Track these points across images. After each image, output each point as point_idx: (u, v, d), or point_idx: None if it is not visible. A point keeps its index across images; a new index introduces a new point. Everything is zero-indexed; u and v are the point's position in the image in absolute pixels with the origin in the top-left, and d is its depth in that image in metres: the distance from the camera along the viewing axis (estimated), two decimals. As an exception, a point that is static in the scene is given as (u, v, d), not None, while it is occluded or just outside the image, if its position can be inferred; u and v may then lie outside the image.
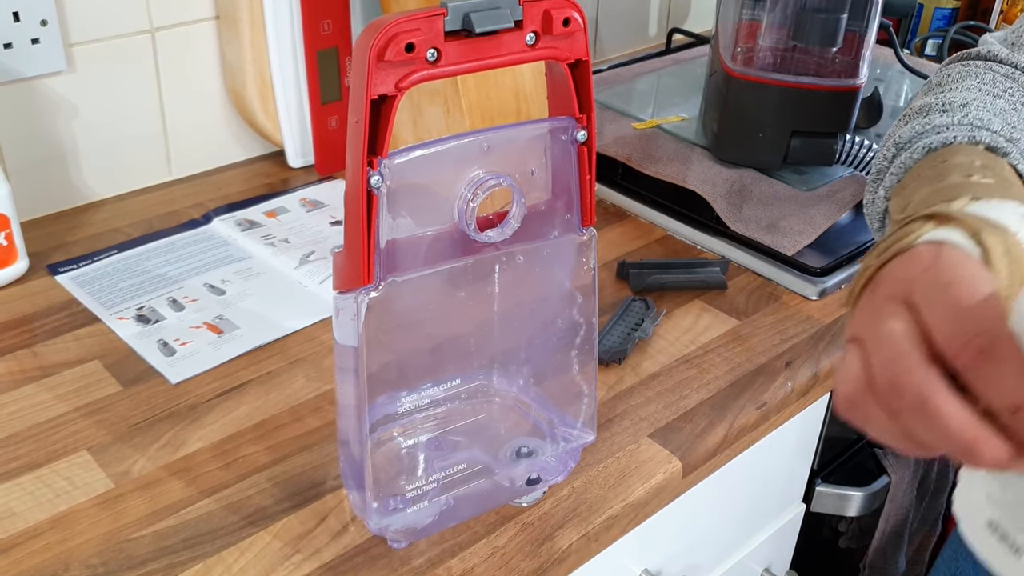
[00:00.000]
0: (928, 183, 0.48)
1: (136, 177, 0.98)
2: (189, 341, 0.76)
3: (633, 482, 0.65)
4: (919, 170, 0.51)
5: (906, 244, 0.40)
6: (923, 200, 0.46)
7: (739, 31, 1.03)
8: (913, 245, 0.40)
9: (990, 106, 0.56)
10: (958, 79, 0.61)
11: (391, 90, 0.47)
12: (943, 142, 0.52)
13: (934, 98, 0.58)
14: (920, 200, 0.46)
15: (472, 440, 0.61)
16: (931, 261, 0.38)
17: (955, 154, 0.50)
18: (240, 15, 0.94)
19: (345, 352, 0.54)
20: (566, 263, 0.58)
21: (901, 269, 0.39)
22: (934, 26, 1.51)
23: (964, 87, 0.60)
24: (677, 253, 0.92)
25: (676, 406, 0.72)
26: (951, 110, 0.56)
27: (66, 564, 0.57)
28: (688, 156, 1.02)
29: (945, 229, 0.40)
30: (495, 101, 0.91)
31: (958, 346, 0.36)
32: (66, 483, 0.63)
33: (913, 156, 0.52)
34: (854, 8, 0.97)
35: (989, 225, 0.39)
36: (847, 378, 0.39)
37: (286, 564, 0.58)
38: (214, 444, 0.66)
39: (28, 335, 0.76)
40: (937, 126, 0.54)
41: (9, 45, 0.85)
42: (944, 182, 0.46)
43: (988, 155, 0.50)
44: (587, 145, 0.55)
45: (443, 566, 0.58)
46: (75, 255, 0.87)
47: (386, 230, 0.50)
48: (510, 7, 0.49)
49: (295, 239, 0.90)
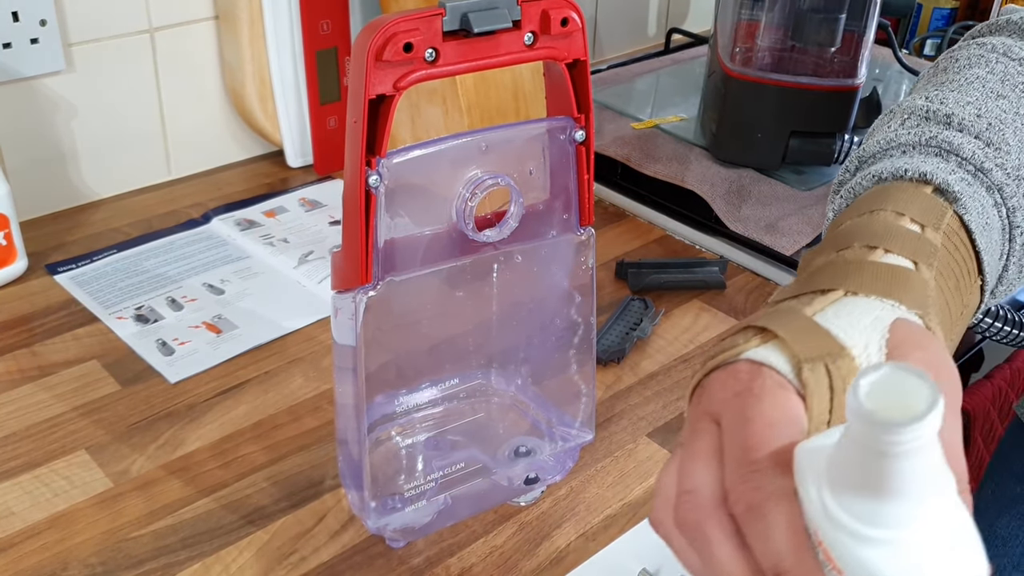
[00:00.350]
0: (835, 244, 0.42)
1: (135, 177, 0.98)
2: (188, 341, 0.76)
3: (631, 481, 0.65)
4: (851, 212, 0.45)
5: (728, 358, 0.37)
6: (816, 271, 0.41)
7: (738, 31, 1.03)
8: (735, 360, 0.36)
9: (985, 112, 0.49)
10: (964, 67, 0.54)
11: (389, 90, 0.47)
12: (894, 173, 0.46)
13: (925, 96, 0.52)
14: (815, 269, 0.42)
15: (470, 439, 0.61)
16: (744, 386, 0.35)
17: (891, 199, 0.44)
18: (239, 15, 0.94)
19: (343, 352, 0.54)
20: (564, 263, 0.58)
21: (717, 386, 0.36)
22: (933, 26, 1.52)
23: (966, 79, 0.52)
24: (676, 253, 0.93)
25: (674, 406, 0.72)
26: (931, 120, 0.49)
27: (64, 563, 0.57)
28: (687, 156, 1.03)
29: (769, 349, 0.36)
30: (494, 101, 0.91)
31: (733, 496, 0.33)
32: (65, 482, 0.63)
33: (863, 183, 0.47)
34: (853, 8, 0.98)
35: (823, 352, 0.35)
36: (657, 494, 0.37)
37: (284, 563, 0.58)
38: (213, 443, 0.67)
39: (27, 335, 0.76)
40: (903, 144, 0.48)
41: (8, 45, 0.85)
42: (845, 251, 0.41)
43: (928, 203, 0.44)
44: (585, 145, 0.55)
45: (441, 565, 0.58)
46: (74, 255, 0.87)
47: (384, 230, 0.50)
48: (508, 7, 0.49)
49: (294, 239, 0.91)
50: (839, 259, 0.40)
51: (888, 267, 0.39)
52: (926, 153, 0.47)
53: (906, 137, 0.48)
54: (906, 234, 0.41)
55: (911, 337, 0.36)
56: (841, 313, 0.37)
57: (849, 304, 0.38)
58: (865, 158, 0.49)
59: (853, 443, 0.29)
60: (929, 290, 0.39)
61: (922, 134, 0.48)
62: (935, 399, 0.28)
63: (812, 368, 0.35)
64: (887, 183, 0.46)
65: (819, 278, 0.40)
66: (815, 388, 0.34)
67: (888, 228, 0.41)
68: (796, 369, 0.35)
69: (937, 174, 0.44)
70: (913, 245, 0.41)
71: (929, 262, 0.40)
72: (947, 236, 0.43)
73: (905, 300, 0.38)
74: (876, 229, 0.41)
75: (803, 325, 0.36)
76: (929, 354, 0.36)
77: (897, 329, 0.37)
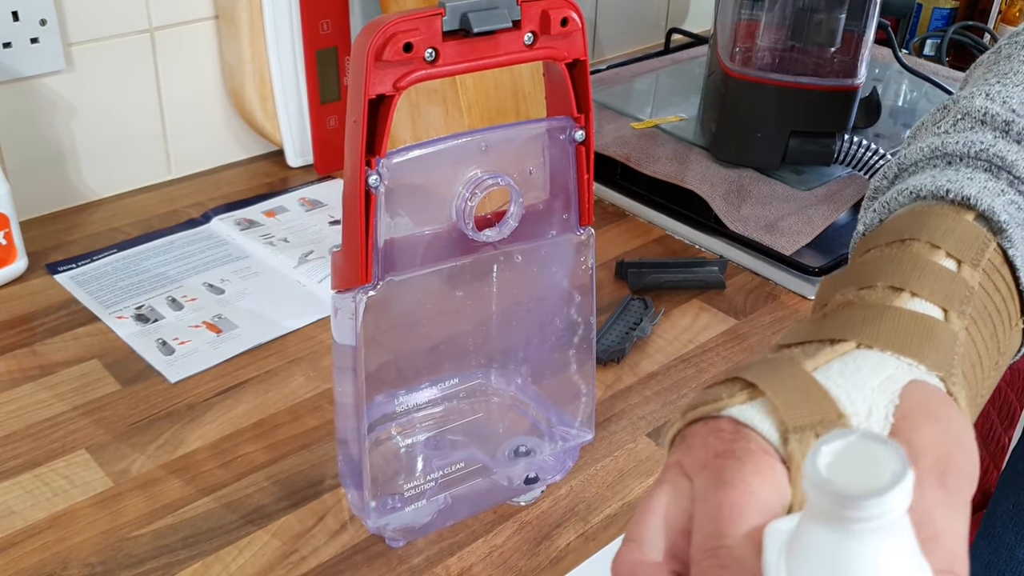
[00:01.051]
0: (858, 279, 0.38)
1: (135, 176, 0.98)
2: (188, 340, 0.76)
3: (631, 481, 0.65)
4: (881, 235, 0.40)
5: (711, 411, 0.33)
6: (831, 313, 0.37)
7: (737, 31, 1.03)
8: (718, 415, 0.33)
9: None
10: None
11: (389, 90, 0.47)
12: (934, 192, 0.41)
13: (985, 93, 0.45)
14: (830, 310, 0.37)
15: (470, 439, 0.61)
16: (726, 447, 0.31)
17: (927, 225, 0.39)
18: (239, 15, 0.94)
19: (343, 351, 0.54)
20: (564, 262, 0.58)
21: (698, 442, 0.33)
22: (933, 26, 1.52)
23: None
24: (675, 252, 0.93)
25: (674, 405, 0.72)
26: (987, 125, 0.43)
27: (64, 563, 0.57)
28: (687, 156, 1.03)
29: (756, 409, 0.32)
30: (494, 100, 0.91)
31: (696, 568, 0.30)
32: (65, 482, 0.63)
33: (899, 199, 0.42)
34: (852, 8, 0.98)
35: (815, 419, 0.31)
36: (627, 538, 0.33)
37: (284, 563, 0.58)
38: (213, 443, 0.67)
39: (27, 334, 0.77)
40: (950, 154, 0.42)
41: (8, 44, 0.85)
42: (867, 291, 0.37)
43: (969, 234, 0.38)
44: (585, 145, 0.55)
45: (441, 565, 0.58)
46: (74, 254, 0.87)
47: (384, 229, 0.50)
48: (508, 7, 0.49)
49: (294, 238, 0.91)
50: (858, 301, 0.36)
51: (912, 316, 0.35)
52: (974, 167, 0.41)
53: (954, 146, 0.42)
54: (939, 273, 0.36)
55: (925, 405, 0.32)
56: (847, 370, 0.33)
57: (859, 359, 0.33)
58: (906, 165, 0.44)
59: (811, 519, 0.27)
60: (957, 345, 0.34)
61: (973, 144, 0.42)
62: (903, 473, 0.25)
63: (800, 439, 0.31)
64: (926, 202, 0.41)
65: (832, 324, 0.35)
66: (801, 460, 0.30)
67: (918, 265, 0.37)
68: (783, 437, 0.31)
69: (983, 199, 0.39)
70: (945, 288, 0.36)
71: (962, 309, 0.36)
72: (987, 274, 0.38)
73: (926, 359, 0.33)
74: (905, 266, 0.37)
75: (799, 383, 0.32)
76: (943, 427, 0.31)
77: (910, 394, 0.32)
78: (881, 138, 1.11)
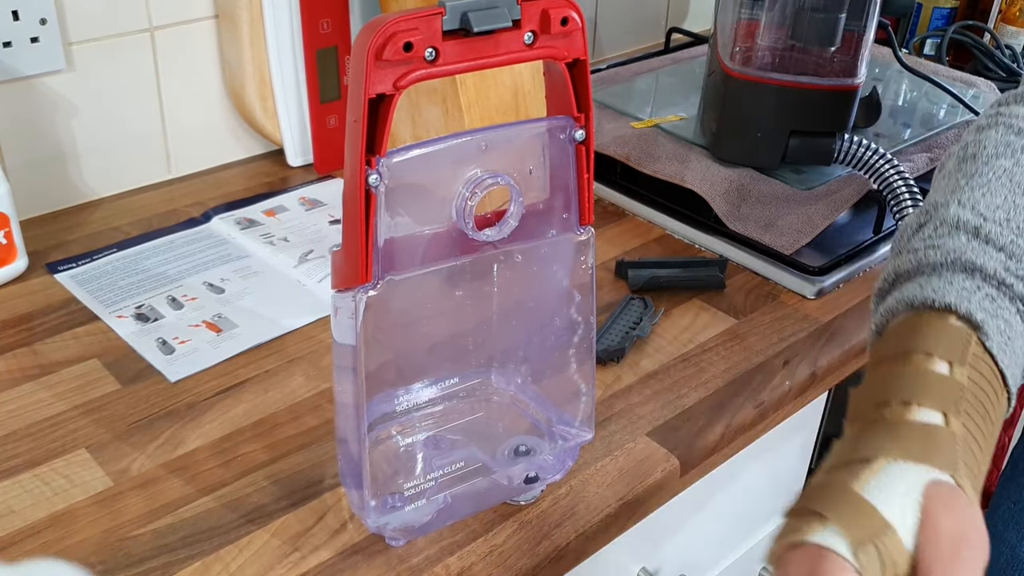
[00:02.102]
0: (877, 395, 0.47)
1: (135, 176, 0.98)
2: (188, 339, 0.76)
3: (631, 481, 0.65)
4: (889, 344, 0.49)
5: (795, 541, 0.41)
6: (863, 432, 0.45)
7: (738, 30, 1.03)
8: (802, 543, 0.41)
9: (1013, 215, 0.52)
10: (992, 157, 0.56)
11: (389, 89, 0.47)
12: (924, 301, 0.50)
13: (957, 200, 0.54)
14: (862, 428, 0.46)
15: (470, 438, 0.61)
16: (815, 566, 0.39)
17: (921, 334, 0.48)
18: (239, 14, 0.94)
19: (343, 351, 0.54)
20: (564, 262, 0.58)
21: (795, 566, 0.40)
22: (933, 25, 1.52)
23: (994, 172, 0.55)
24: (675, 252, 0.93)
25: (674, 405, 0.72)
26: (960, 231, 0.52)
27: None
28: (687, 155, 1.03)
29: (830, 532, 0.40)
30: (494, 100, 0.91)
31: None
32: (65, 481, 0.63)
33: (898, 308, 0.51)
34: (853, 7, 0.98)
35: (872, 532, 0.40)
36: None
37: (284, 562, 0.58)
38: (213, 442, 0.67)
39: (27, 333, 0.77)
40: (931, 264, 0.52)
41: (8, 44, 0.85)
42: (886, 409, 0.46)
43: (953, 336, 0.48)
44: (585, 144, 0.55)
45: (441, 564, 0.58)
46: (74, 254, 0.87)
47: (384, 229, 0.50)
48: (508, 6, 0.49)
49: (294, 238, 0.91)
50: (881, 419, 0.45)
51: (921, 428, 0.44)
52: (953, 271, 0.51)
53: (934, 257, 0.52)
54: (935, 382, 0.46)
55: (941, 499, 0.41)
56: (882, 484, 0.42)
57: (889, 473, 0.42)
58: (900, 273, 0.54)
59: None
60: (958, 444, 0.44)
61: (949, 252, 0.52)
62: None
63: (866, 552, 0.40)
64: (919, 310, 0.50)
65: (864, 444, 0.44)
66: (869, 568, 0.39)
67: (919, 377, 0.46)
68: (854, 552, 0.40)
69: (960, 303, 0.49)
70: (942, 394, 0.45)
71: (958, 408, 0.45)
72: (972, 367, 0.47)
73: (936, 462, 0.43)
74: (909, 380, 0.46)
75: (853, 505, 0.41)
76: (957, 514, 0.41)
77: (929, 493, 0.42)
78: (881, 137, 1.11)
